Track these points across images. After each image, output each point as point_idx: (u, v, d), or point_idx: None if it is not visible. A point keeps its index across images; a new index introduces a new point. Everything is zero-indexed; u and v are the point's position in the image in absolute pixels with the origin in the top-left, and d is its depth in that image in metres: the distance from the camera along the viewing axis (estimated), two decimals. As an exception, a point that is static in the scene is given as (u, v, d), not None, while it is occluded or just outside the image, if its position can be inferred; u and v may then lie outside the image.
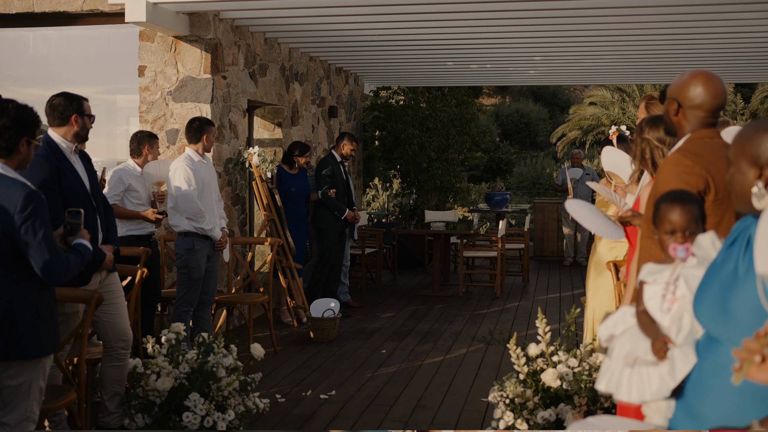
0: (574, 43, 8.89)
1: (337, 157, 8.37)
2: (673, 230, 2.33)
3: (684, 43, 8.78)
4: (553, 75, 12.07)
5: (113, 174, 6.01)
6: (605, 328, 2.42)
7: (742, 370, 1.60)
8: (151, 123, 7.19)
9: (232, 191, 7.63)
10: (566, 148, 23.64)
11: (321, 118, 10.38)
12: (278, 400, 5.41)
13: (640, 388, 2.16)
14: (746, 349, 1.60)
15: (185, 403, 4.36)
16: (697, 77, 2.85)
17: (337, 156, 8.38)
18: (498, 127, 26.11)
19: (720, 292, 1.91)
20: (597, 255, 5.10)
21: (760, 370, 1.59)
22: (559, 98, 30.41)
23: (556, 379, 4.02)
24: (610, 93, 22.88)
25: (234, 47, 7.55)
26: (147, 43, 7.15)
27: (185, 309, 5.90)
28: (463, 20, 7.58)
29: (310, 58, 9.84)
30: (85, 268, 3.91)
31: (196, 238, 5.89)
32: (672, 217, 2.33)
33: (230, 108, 7.52)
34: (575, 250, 12.45)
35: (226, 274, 7.15)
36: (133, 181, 6.04)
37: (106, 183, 5.91)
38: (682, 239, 2.31)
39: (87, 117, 4.34)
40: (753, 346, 1.59)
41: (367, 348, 6.98)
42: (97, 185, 4.45)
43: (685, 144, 2.87)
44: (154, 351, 4.51)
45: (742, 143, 1.91)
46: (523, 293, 9.93)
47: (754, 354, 1.58)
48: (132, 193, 6.02)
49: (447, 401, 5.47)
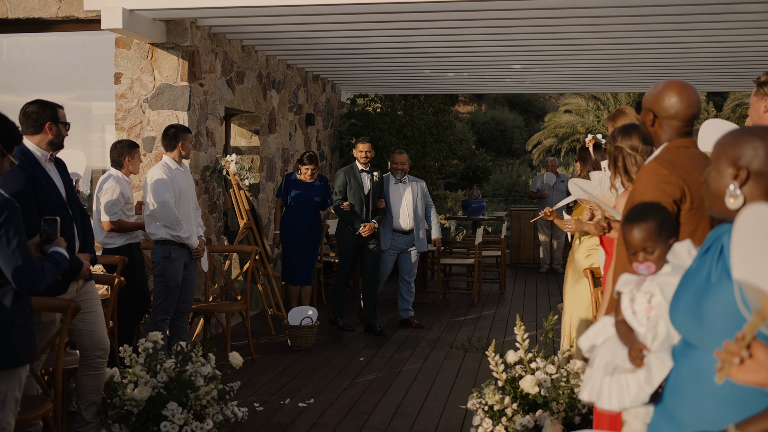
0: (550, 52, 8.97)
1: (359, 166, 7.85)
2: (634, 251, 2.36)
3: (657, 52, 8.89)
4: (530, 83, 12.16)
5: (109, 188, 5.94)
6: (586, 339, 2.45)
7: (723, 370, 1.66)
8: (128, 130, 7.14)
9: (209, 199, 7.60)
10: (542, 155, 23.79)
11: (298, 126, 10.38)
12: (256, 409, 5.39)
13: (620, 395, 2.19)
14: (727, 351, 1.66)
15: (163, 413, 4.33)
16: (671, 88, 2.88)
17: (359, 165, 7.86)
18: (474, 135, 26.23)
19: (694, 299, 1.95)
20: (574, 262, 5.15)
21: (740, 371, 1.66)
22: (534, 106, 30.59)
23: (534, 385, 4.05)
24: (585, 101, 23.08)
25: (211, 54, 7.53)
26: (123, 50, 7.12)
27: (162, 318, 5.87)
28: (440, 28, 7.63)
29: (287, 66, 9.83)
30: (62, 277, 3.87)
31: (173, 246, 5.86)
32: (628, 237, 2.37)
33: (207, 115, 7.50)
34: (551, 257, 12.53)
35: (204, 282, 7.12)
36: (129, 193, 6.06)
37: (80, 193, 5.88)
38: (643, 258, 2.34)
39: (62, 125, 4.31)
40: (733, 349, 1.66)
41: (345, 356, 6.97)
42: (74, 193, 4.41)
43: (662, 153, 2.90)
44: (131, 360, 4.47)
45: (723, 145, 1.96)
46: (500, 300, 9.97)
47: (734, 356, 1.65)
48: (127, 205, 6.02)
49: (425, 408, 5.48)
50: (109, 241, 5.99)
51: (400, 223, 8.11)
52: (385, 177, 8.16)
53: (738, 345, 1.65)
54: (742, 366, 1.65)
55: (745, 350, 1.64)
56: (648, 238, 2.33)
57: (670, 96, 2.86)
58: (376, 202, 7.87)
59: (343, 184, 7.76)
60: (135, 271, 6.03)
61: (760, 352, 1.64)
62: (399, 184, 8.15)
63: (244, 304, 6.74)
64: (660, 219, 2.35)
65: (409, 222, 8.14)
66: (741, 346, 1.64)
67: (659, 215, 2.36)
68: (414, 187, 8.20)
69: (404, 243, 8.19)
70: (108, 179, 6.01)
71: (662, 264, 2.33)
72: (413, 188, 8.18)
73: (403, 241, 8.18)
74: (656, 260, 2.33)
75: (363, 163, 7.81)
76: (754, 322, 1.65)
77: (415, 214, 8.14)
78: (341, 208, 7.70)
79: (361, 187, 7.76)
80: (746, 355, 1.64)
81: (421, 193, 8.21)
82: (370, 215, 7.81)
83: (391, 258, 8.18)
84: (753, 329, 1.64)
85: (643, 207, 2.42)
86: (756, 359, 1.64)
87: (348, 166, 7.91)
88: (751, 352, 1.64)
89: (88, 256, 4.32)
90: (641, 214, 2.38)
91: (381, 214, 7.92)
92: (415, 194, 8.16)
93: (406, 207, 8.11)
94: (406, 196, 8.14)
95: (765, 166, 1.89)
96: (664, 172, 2.77)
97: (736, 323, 1.78)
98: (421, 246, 8.23)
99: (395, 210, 8.09)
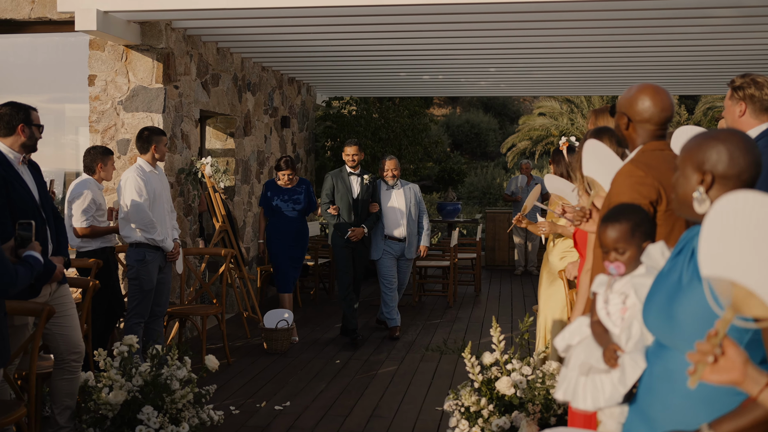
0: (525, 55, 9.04)
1: (348, 169, 7.58)
2: (606, 250, 2.40)
3: (630, 55, 9.00)
4: (505, 86, 12.23)
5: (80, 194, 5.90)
6: (562, 339, 2.48)
7: (696, 372, 1.66)
8: (102, 133, 7.09)
9: (184, 202, 7.56)
10: (516, 158, 23.92)
11: (273, 129, 10.36)
12: (232, 412, 5.37)
13: (595, 395, 2.22)
14: (699, 351, 1.67)
15: (138, 417, 4.30)
16: (645, 91, 2.92)
17: (348, 168, 7.59)
18: (449, 138, 26.31)
19: (666, 300, 1.98)
20: (549, 264, 5.19)
21: (713, 371, 1.66)
22: (508, 109, 30.76)
23: (510, 387, 4.08)
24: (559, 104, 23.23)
25: (186, 57, 7.50)
26: (97, 52, 7.06)
27: (137, 321, 5.83)
28: (416, 31, 7.66)
29: (263, 68, 9.81)
30: (35, 280, 3.84)
31: (147, 249, 5.82)
32: (602, 236, 2.41)
33: (182, 118, 7.46)
34: (526, 260, 12.61)
35: (179, 285, 7.08)
36: (100, 199, 6.02)
37: (55, 195, 5.83)
38: (613, 258, 2.37)
39: (35, 127, 4.28)
40: (705, 348, 1.66)
41: (321, 358, 6.97)
42: (47, 196, 4.38)
43: (637, 155, 2.94)
44: (105, 364, 4.44)
45: (689, 150, 1.99)
46: (475, 302, 10.02)
47: (707, 355, 1.65)
48: (99, 211, 5.98)
49: (402, 411, 5.50)
50: (84, 244, 5.95)
51: (392, 230, 7.82)
52: (378, 182, 7.88)
53: (710, 343, 1.66)
54: (715, 366, 1.66)
55: (718, 348, 1.65)
56: (620, 239, 2.37)
57: (643, 100, 2.90)
58: (366, 206, 7.61)
59: (330, 188, 7.55)
60: (110, 274, 5.99)
61: (731, 350, 1.66)
62: (391, 190, 7.87)
63: (219, 307, 6.72)
64: (635, 221, 2.39)
65: (402, 230, 7.84)
66: (714, 343, 1.65)
67: (635, 217, 2.40)
68: (407, 192, 7.91)
69: (401, 249, 7.91)
70: (80, 184, 5.97)
71: (634, 266, 2.37)
72: (406, 194, 7.90)
73: (400, 247, 7.89)
74: (627, 261, 2.36)
75: (351, 166, 7.55)
76: (726, 317, 1.67)
77: (409, 220, 7.86)
78: (327, 212, 7.50)
79: (349, 190, 7.52)
80: (719, 352, 1.65)
81: (414, 199, 7.93)
82: (360, 219, 7.55)
83: (390, 263, 7.85)
84: (726, 324, 1.66)
85: (621, 208, 2.46)
86: (728, 357, 1.65)
87: (337, 170, 7.71)
88: (723, 350, 1.66)
89: (62, 259, 4.28)
90: (617, 215, 2.42)
91: (373, 219, 7.67)
92: (408, 200, 7.88)
93: (398, 214, 7.84)
94: (399, 202, 7.86)
95: (729, 170, 1.92)
96: (639, 174, 2.81)
97: (707, 324, 1.81)
98: (409, 253, 7.95)
99: (387, 217, 7.81)
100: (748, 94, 3.66)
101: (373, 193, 7.71)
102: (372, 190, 7.67)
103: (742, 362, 1.66)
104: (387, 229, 7.82)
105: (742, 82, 3.68)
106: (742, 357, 1.66)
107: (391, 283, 7.85)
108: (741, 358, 1.66)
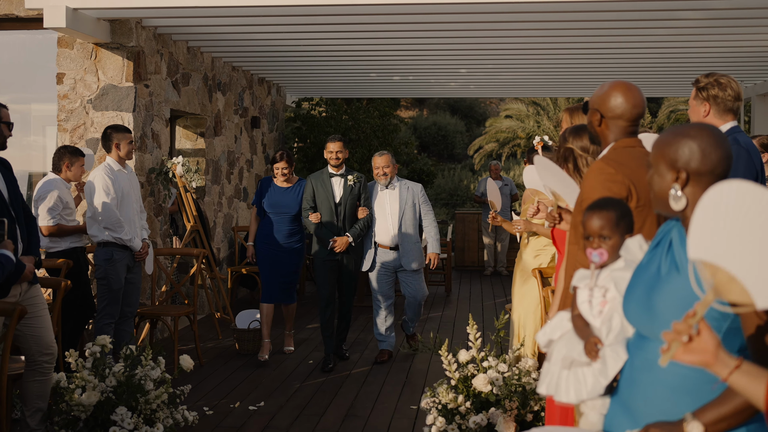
0: (494, 56, 9.11)
1: (329, 170, 6.67)
2: (588, 235, 2.43)
3: (596, 58, 9.12)
4: (474, 87, 12.32)
5: (46, 193, 5.82)
6: (544, 334, 2.51)
7: (669, 351, 1.70)
8: (71, 132, 7.00)
9: (154, 201, 7.48)
10: (483, 160, 24.07)
11: (244, 129, 10.30)
12: (206, 413, 5.33)
13: (577, 388, 2.25)
14: (675, 330, 1.71)
15: (112, 417, 4.25)
16: (617, 88, 2.96)
17: (330, 168, 6.68)
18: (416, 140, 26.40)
19: (645, 292, 2.02)
20: (522, 262, 5.23)
21: (686, 350, 1.70)
22: (475, 111, 30.93)
23: (486, 384, 4.10)
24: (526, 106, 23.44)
25: (156, 55, 7.43)
26: (66, 50, 6.97)
27: (107, 321, 5.76)
28: (386, 32, 7.68)
29: (233, 68, 9.76)
30: (5, 280, 3.78)
31: (114, 248, 5.76)
32: (587, 223, 2.44)
33: (153, 117, 7.39)
34: (495, 260, 12.70)
35: (150, 286, 7.01)
36: (68, 198, 5.94)
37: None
38: (597, 244, 2.40)
39: (4, 125, 4.23)
40: (681, 327, 1.71)
41: (294, 359, 6.94)
42: (17, 194, 4.31)
43: (609, 153, 2.98)
44: (77, 365, 4.38)
45: (661, 147, 2.02)
46: (446, 302, 10.05)
47: (682, 334, 1.70)
48: (66, 210, 5.90)
49: (377, 409, 5.50)
50: (53, 244, 5.87)
51: (381, 237, 6.82)
52: (371, 184, 6.96)
53: (687, 323, 1.70)
54: (688, 346, 1.69)
55: (695, 328, 1.69)
56: (606, 226, 2.40)
57: (616, 96, 2.94)
58: (353, 211, 6.66)
59: (310, 194, 6.64)
60: (80, 274, 5.92)
61: (706, 332, 1.70)
62: (386, 191, 6.84)
63: (191, 307, 6.66)
64: (621, 212, 2.43)
65: (393, 237, 6.79)
66: (690, 323, 1.69)
67: (621, 209, 2.44)
68: (404, 192, 6.84)
69: (395, 260, 6.84)
70: (46, 183, 5.90)
71: (615, 256, 2.40)
72: (402, 195, 6.82)
73: (393, 257, 6.83)
74: (610, 249, 2.39)
75: (334, 166, 6.61)
76: (707, 299, 1.71)
77: (403, 225, 6.79)
78: (308, 220, 6.62)
79: (330, 194, 6.61)
80: (695, 332, 1.69)
81: (412, 201, 6.82)
82: (345, 227, 6.63)
83: (382, 276, 6.82)
84: (705, 306, 1.71)
85: (606, 199, 2.50)
86: (702, 338, 1.69)
87: (318, 172, 6.80)
88: (698, 331, 1.70)
89: (33, 259, 4.22)
90: (604, 204, 2.45)
91: (362, 226, 6.67)
92: (404, 201, 6.81)
93: (388, 218, 6.81)
94: (391, 204, 6.81)
95: (702, 166, 1.95)
96: (610, 171, 2.85)
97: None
98: (408, 264, 6.81)
99: (376, 222, 6.81)
100: (712, 94, 3.74)
101: (361, 196, 6.73)
102: (359, 193, 6.70)
103: (714, 345, 1.70)
104: (377, 236, 6.83)
105: (706, 82, 3.76)
106: (715, 340, 1.70)
107: (384, 299, 6.86)
108: (714, 341, 1.70)
